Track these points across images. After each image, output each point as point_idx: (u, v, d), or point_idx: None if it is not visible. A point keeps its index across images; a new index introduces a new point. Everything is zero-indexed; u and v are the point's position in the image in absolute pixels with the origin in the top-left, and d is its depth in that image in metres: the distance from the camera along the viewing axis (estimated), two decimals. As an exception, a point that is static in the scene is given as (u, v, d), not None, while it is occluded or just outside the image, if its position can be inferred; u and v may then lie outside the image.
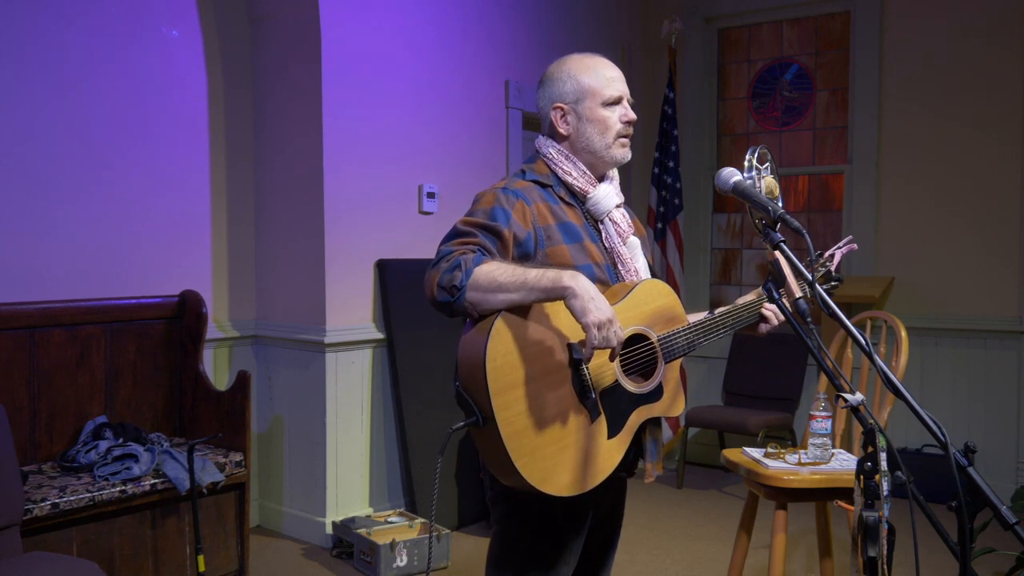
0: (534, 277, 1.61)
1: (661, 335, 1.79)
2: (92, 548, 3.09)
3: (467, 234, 1.71)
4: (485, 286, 1.60)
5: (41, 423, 3.41)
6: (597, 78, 1.84)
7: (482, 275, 1.61)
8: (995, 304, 4.78)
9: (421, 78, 4.40)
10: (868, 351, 1.37)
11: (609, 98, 1.84)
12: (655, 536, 4.25)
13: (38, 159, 3.55)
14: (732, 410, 5.17)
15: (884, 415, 3.01)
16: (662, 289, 1.84)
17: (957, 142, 4.88)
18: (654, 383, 1.77)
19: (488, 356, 1.58)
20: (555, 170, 1.86)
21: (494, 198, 1.76)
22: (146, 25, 3.89)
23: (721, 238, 5.90)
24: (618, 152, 1.86)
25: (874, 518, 1.33)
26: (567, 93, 1.85)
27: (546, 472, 1.61)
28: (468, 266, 1.62)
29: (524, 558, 1.79)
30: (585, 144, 1.85)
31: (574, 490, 1.64)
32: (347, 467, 4.12)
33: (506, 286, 1.60)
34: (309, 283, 4.07)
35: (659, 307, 1.81)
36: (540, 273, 1.62)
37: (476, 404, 1.60)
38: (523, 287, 1.61)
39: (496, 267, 1.63)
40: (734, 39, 5.80)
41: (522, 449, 1.59)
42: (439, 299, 1.64)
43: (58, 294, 3.57)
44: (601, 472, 1.68)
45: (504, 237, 1.72)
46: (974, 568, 1.31)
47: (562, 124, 1.86)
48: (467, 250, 1.66)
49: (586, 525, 1.83)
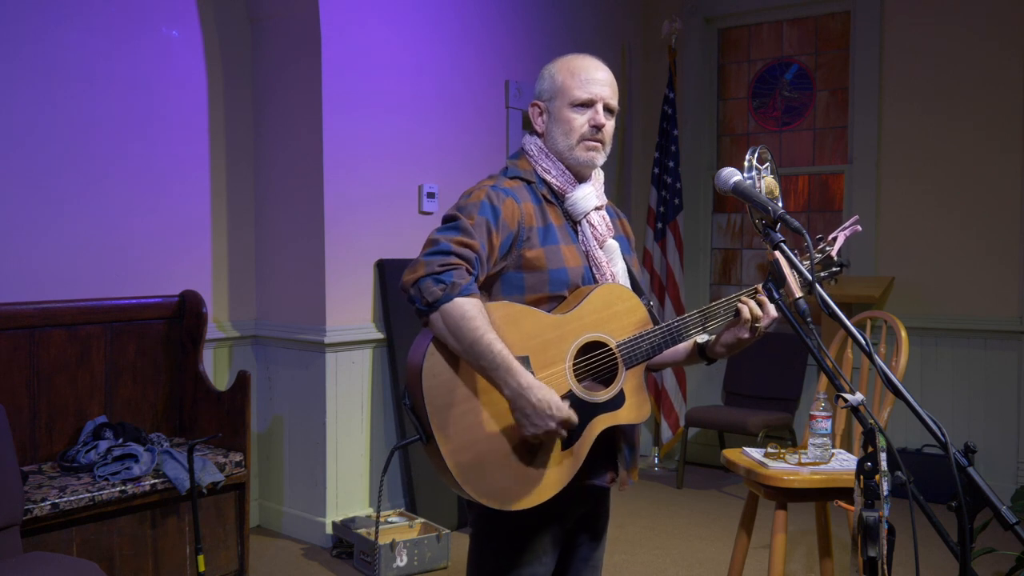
0: (490, 363, 1.59)
1: (621, 341, 1.74)
2: (92, 548, 3.09)
3: (469, 233, 1.67)
4: (450, 325, 1.60)
5: (41, 423, 3.41)
6: (574, 79, 1.80)
7: (457, 314, 1.59)
8: (995, 304, 4.78)
9: (421, 78, 4.40)
10: (868, 351, 1.37)
11: (577, 99, 1.79)
12: (655, 536, 4.25)
13: (38, 159, 3.55)
14: (732, 410, 5.17)
15: (884, 415, 3.01)
16: (622, 293, 1.79)
17: (957, 142, 4.88)
18: (614, 391, 1.72)
19: (425, 375, 1.58)
20: (535, 167, 1.84)
21: (485, 195, 1.73)
22: (146, 25, 3.89)
23: (721, 238, 5.90)
24: (582, 155, 1.80)
25: (874, 518, 1.33)
26: (544, 91, 1.84)
27: (493, 488, 1.60)
28: (454, 292, 1.60)
29: (497, 562, 1.78)
30: (552, 144, 1.83)
31: (525, 504, 1.63)
32: (347, 467, 4.12)
33: (464, 343, 1.59)
34: (309, 283, 4.07)
35: (618, 312, 1.76)
36: (496, 364, 1.59)
37: (419, 420, 1.60)
38: (475, 358, 1.60)
39: (472, 315, 1.59)
40: (734, 39, 5.80)
41: (466, 466, 1.58)
42: (411, 295, 1.63)
43: (58, 294, 3.57)
44: (555, 484, 1.66)
45: (493, 238, 1.70)
46: (974, 568, 1.31)
47: (538, 121, 1.85)
48: (463, 263, 1.64)
49: (560, 530, 1.81)
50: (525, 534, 1.77)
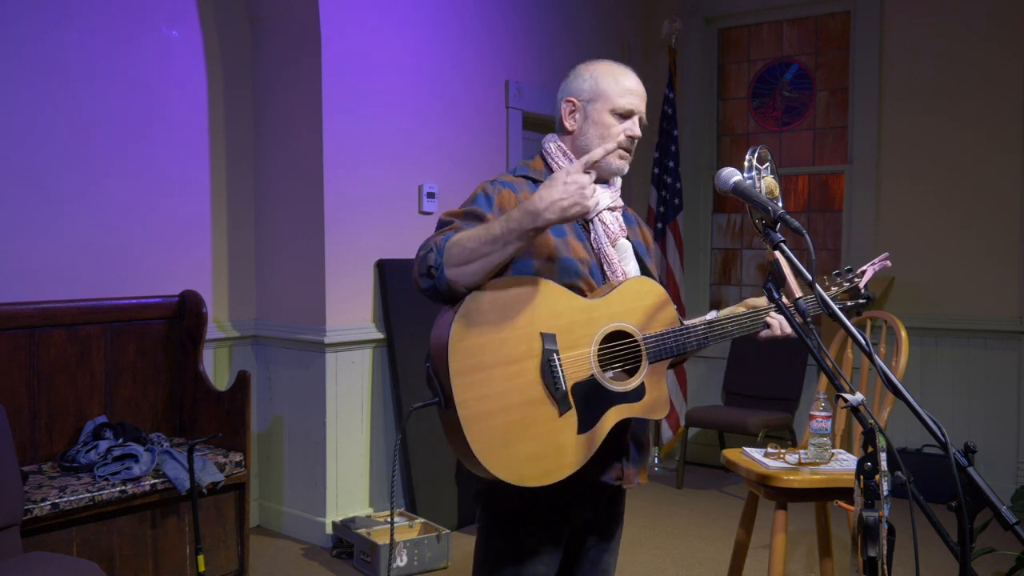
0: (500, 227, 1.56)
1: (647, 335, 1.75)
2: (92, 548, 3.09)
3: (446, 224, 1.69)
4: (458, 258, 1.57)
5: (41, 423, 3.41)
6: (617, 85, 1.81)
7: (454, 248, 1.58)
8: (995, 304, 4.78)
9: (421, 78, 4.40)
10: (868, 351, 1.37)
11: (620, 108, 1.80)
12: (655, 536, 4.25)
13: (38, 159, 3.55)
14: (732, 410, 5.17)
15: (884, 415, 3.00)
16: (651, 288, 1.79)
17: (957, 142, 4.88)
18: (636, 382, 1.72)
19: (452, 336, 1.56)
20: (551, 164, 1.84)
21: (480, 189, 1.76)
22: (146, 25, 3.89)
23: (721, 238, 5.90)
24: (615, 162, 1.82)
25: (874, 518, 1.33)
26: (583, 90, 1.83)
27: (506, 461, 1.58)
28: (439, 244, 1.59)
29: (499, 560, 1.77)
30: (584, 144, 1.82)
31: (536, 482, 1.60)
32: (347, 467, 4.12)
33: (478, 249, 1.57)
34: (309, 283, 4.07)
35: (646, 306, 1.76)
36: (503, 221, 1.57)
37: (440, 384, 1.57)
38: (495, 241, 1.57)
39: (463, 235, 1.59)
40: (734, 39, 5.80)
41: (481, 434, 1.56)
42: (422, 286, 1.62)
43: (58, 294, 3.57)
44: (567, 467, 1.63)
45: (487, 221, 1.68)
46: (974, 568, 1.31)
47: (568, 119, 1.84)
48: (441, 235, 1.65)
49: (565, 531, 1.80)
50: (528, 533, 1.76)
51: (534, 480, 1.60)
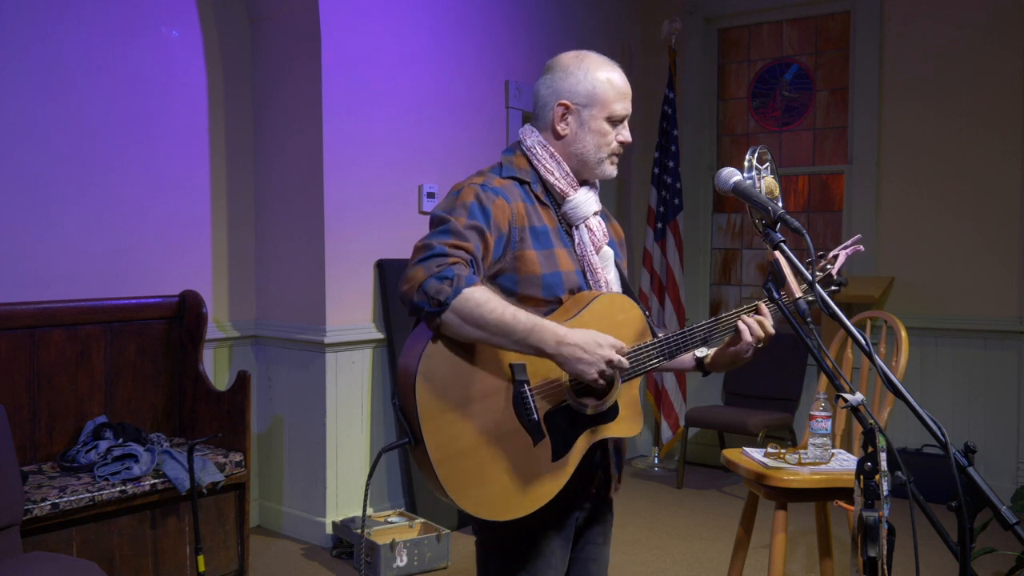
0: (523, 329, 1.55)
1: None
2: (92, 548, 3.09)
3: (461, 236, 1.61)
4: (469, 317, 1.53)
5: (41, 423, 3.41)
6: (614, 91, 1.76)
7: (471, 303, 1.52)
8: (995, 304, 4.78)
9: (421, 78, 4.40)
10: (868, 351, 1.37)
11: (616, 115, 1.77)
12: (655, 536, 4.25)
13: (38, 159, 3.55)
14: (732, 410, 5.17)
15: (884, 415, 3.01)
16: (623, 304, 1.76)
17: (957, 142, 4.87)
18: (608, 402, 1.69)
19: (420, 376, 1.53)
20: (536, 166, 1.78)
21: (473, 195, 1.67)
22: (146, 25, 3.89)
23: (721, 238, 5.90)
24: (608, 168, 1.79)
25: (874, 518, 1.33)
26: (579, 94, 1.76)
27: (479, 499, 1.57)
28: (460, 284, 1.53)
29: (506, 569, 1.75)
30: (579, 150, 1.77)
31: (512, 515, 1.60)
32: (347, 467, 4.12)
33: (491, 328, 1.53)
34: (309, 283, 4.07)
35: (618, 322, 1.72)
36: (527, 328, 1.55)
37: (409, 424, 1.55)
38: (510, 335, 1.55)
39: (486, 299, 1.54)
40: (734, 39, 5.80)
41: (453, 474, 1.55)
42: (416, 302, 1.54)
43: (58, 294, 3.57)
44: (543, 496, 1.62)
45: (487, 240, 1.65)
46: (974, 568, 1.31)
47: (561, 123, 1.77)
48: (460, 258, 1.58)
49: (570, 532, 1.79)
50: (532, 540, 1.74)
51: (510, 513, 1.60)
